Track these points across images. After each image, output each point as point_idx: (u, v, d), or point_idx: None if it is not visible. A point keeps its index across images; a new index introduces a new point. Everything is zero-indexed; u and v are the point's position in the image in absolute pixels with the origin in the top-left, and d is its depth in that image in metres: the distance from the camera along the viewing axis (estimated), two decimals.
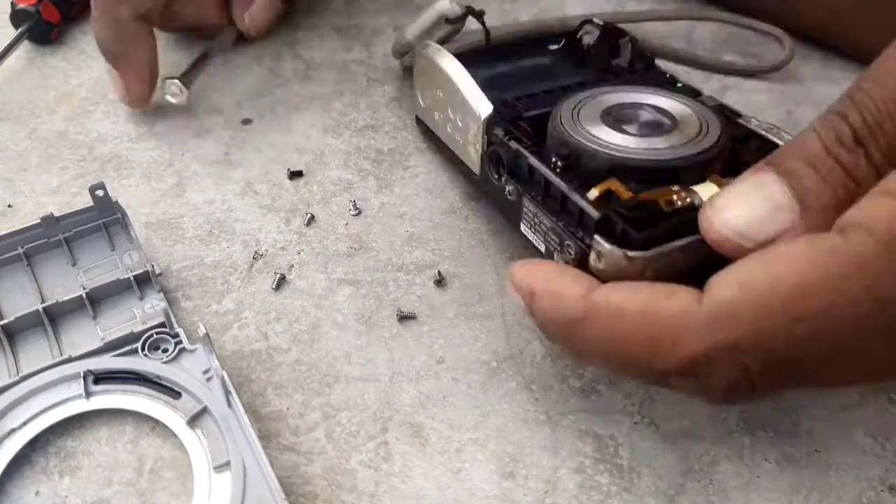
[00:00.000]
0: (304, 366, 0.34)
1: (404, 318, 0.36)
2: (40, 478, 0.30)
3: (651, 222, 0.27)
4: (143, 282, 0.36)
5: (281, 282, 0.37)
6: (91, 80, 0.48)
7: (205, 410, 0.31)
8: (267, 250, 0.39)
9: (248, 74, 0.49)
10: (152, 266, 0.35)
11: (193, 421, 0.31)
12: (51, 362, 0.32)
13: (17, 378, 0.31)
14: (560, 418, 0.33)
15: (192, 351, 0.33)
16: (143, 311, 0.35)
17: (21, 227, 0.35)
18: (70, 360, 0.32)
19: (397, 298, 0.37)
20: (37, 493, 0.30)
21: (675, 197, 0.28)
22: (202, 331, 0.32)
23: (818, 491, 0.31)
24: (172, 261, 0.38)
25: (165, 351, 0.33)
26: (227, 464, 0.29)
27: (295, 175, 0.43)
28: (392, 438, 0.32)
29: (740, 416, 0.33)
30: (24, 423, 0.31)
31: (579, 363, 0.34)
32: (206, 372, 0.32)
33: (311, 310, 0.36)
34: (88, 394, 0.31)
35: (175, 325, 0.33)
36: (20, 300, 0.35)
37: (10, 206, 0.40)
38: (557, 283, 0.28)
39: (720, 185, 0.28)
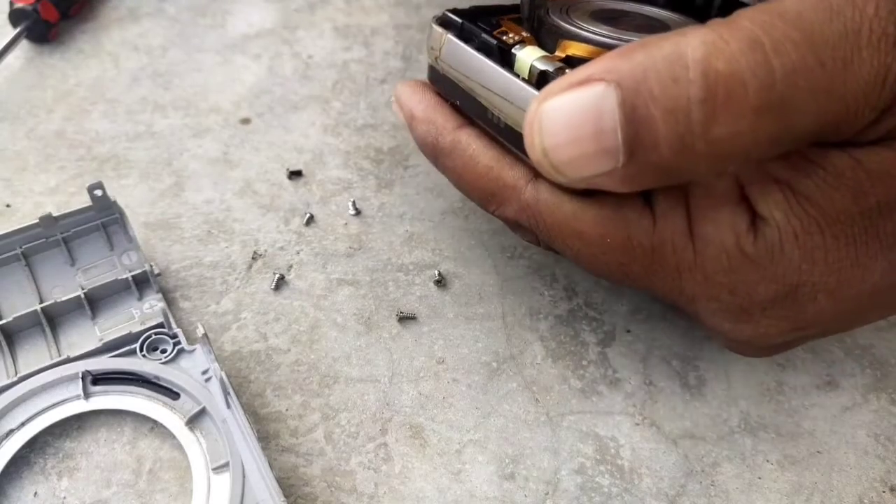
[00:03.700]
0: (304, 366, 0.34)
1: (404, 318, 0.36)
2: (39, 479, 0.30)
3: None
4: (142, 282, 0.35)
5: (280, 282, 0.37)
6: (89, 80, 0.48)
7: (203, 411, 0.31)
8: (266, 250, 0.39)
9: (247, 73, 0.49)
10: (151, 266, 0.35)
11: (192, 422, 0.31)
12: (49, 363, 0.32)
13: (15, 379, 0.31)
14: (561, 419, 0.33)
15: (191, 351, 0.33)
16: (142, 312, 0.35)
17: (19, 226, 0.35)
18: (68, 360, 0.32)
19: (397, 299, 0.37)
20: (35, 493, 0.30)
21: None
22: (201, 331, 0.32)
23: (820, 492, 0.31)
24: (171, 261, 0.38)
25: (164, 351, 0.33)
26: (226, 465, 0.29)
27: (294, 175, 0.42)
28: (392, 440, 0.32)
29: (742, 416, 0.33)
30: (23, 424, 0.30)
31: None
32: (204, 373, 0.32)
33: (310, 310, 0.36)
34: (87, 394, 0.31)
35: (174, 326, 0.33)
36: (18, 300, 0.35)
37: (8, 205, 0.40)
38: (434, 112, 0.33)
39: None
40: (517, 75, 0.29)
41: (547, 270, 0.38)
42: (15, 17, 0.48)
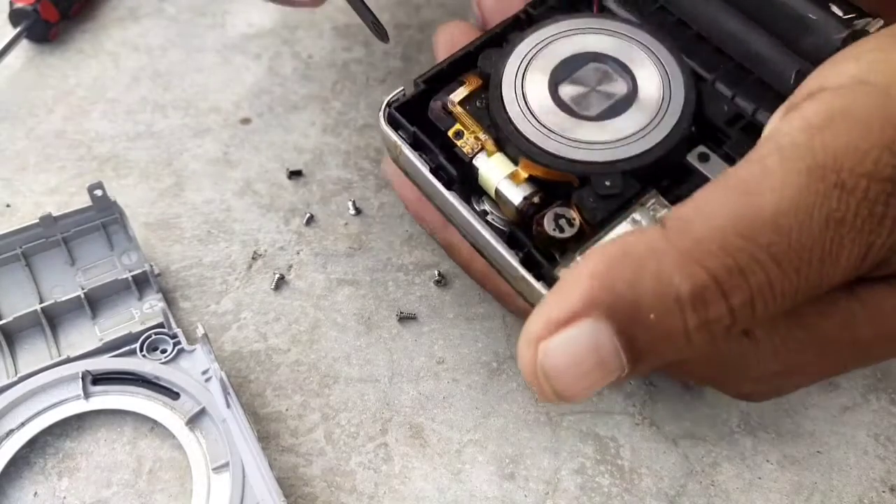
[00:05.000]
0: (304, 366, 0.34)
1: (404, 318, 0.36)
2: (39, 478, 0.30)
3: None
4: (142, 282, 0.35)
5: (280, 282, 0.37)
6: (89, 79, 0.48)
7: (203, 411, 0.31)
8: (266, 250, 0.39)
9: (247, 73, 0.49)
10: (151, 266, 0.35)
11: (192, 422, 0.31)
12: (49, 363, 0.32)
13: (15, 379, 0.31)
14: (561, 419, 0.33)
15: (191, 351, 0.33)
16: (142, 312, 0.35)
17: (19, 226, 0.35)
18: (68, 360, 0.32)
19: (397, 299, 0.37)
20: (35, 493, 0.30)
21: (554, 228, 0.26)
22: (201, 331, 0.32)
23: (820, 492, 0.31)
24: (171, 261, 0.38)
25: (164, 351, 0.33)
26: (226, 465, 0.29)
27: (294, 174, 0.42)
28: (392, 440, 0.32)
29: (742, 416, 0.33)
30: (23, 424, 0.30)
31: None
32: (204, 373, 0.32)
33: (310, 310, 0.36)
34: (87, 394, 0.31)
35: (173, 326, 0.33)
36: (18, 300, 0.35)
37: (8, 205, 0.40)
38: (421, 209, 0.34)
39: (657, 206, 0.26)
40: (482, 215, 0.28)
41: None
42: (15, 16, 0.48)
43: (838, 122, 0.21)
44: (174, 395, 0.31)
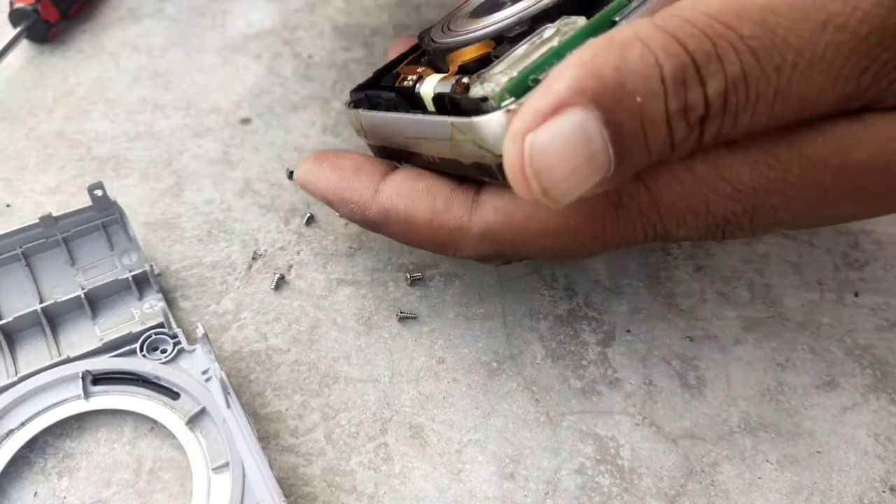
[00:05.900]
0: (304, 366, 0.34)
1: (404, 318, 0.36)
2: (39, 478, 0.30)
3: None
4: (142, 282, 0.36)
5: (280, 282, 0.37)
6: (89, 80, 0.48)
7: (203, 411, 0.31)
8: (266, 250, 0.39)
9: (247, 73, 0.49)
10: (151, 266, 0.35)
11: (192, 422, 0.31)
12: (49, 363, 0.32)
13: (15, 379, 0.31)
14: (560, 419, 0.33)
15: (191, 351, 0.33)
16: (142, 312, 0.35)
17: (19, 226, 0.35)
18: (69, 360, 0.32)
19: (397, 298, 0.37)
20: (35, 493, 0.30)
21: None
22: (201, 331, 0.32)
23: (819, 492, 0.31)
24: (171, 261, 0.38)
25: (164, 351, 0.33)
26: (226, 465, 0.29)
27: (294, 174, 0.42)
28: (392, 440, 0.32)
29: (741, 416, 0.33)
30: (23, 424, 0.30)
31: None
32: (204, 372, 0.32)
33: (310, 310, 0.36)
34: (87, 394, 0.31)
35: (174, 326, 0.33)
36: (19, 300, 0.35)
37: (8, 205, 0.40)
38: (345, 190, 0.31)
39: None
40: (425, 111, 0.29)
41: (547, 270, 0.38)
42: (15, 17, 0.48)
43: None
44: (174, 395, 0.31)
